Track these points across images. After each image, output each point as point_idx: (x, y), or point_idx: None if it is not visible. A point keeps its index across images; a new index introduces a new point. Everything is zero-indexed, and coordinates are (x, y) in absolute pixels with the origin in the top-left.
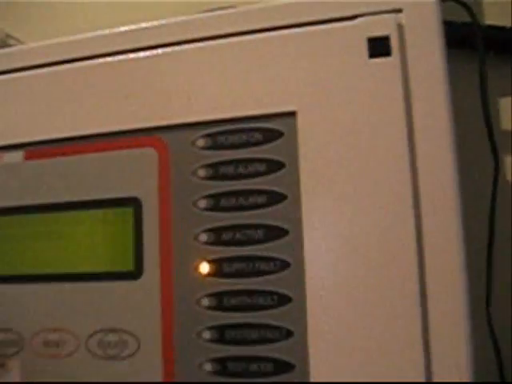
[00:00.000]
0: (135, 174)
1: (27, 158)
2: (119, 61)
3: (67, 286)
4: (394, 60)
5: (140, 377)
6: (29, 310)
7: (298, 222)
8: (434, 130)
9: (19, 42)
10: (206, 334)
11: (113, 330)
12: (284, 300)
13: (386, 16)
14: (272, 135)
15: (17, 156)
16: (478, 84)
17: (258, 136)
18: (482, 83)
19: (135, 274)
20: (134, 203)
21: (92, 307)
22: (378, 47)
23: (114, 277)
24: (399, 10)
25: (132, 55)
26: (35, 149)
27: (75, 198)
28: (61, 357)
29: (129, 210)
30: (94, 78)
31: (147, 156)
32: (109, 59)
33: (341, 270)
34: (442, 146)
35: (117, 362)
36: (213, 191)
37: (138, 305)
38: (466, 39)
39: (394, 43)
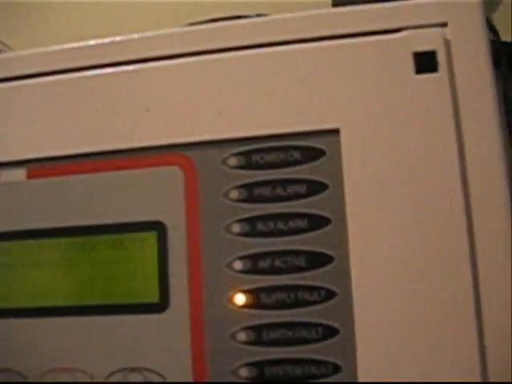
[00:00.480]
0: (158, 196)
1: (30, 176)
2: (138, 69)
3: (80, 321)
4: (441, 76)
5: None
6: (34, 348)
7: (343, 248)
8: (484, 146)
9: (8, 47)
10: (244, 372)
11: (135, 370)
12: (330, 332)
13: (431, 30)
14: (313, 154)
15: (18, 174)
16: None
17: (296, 155)
18: (507, 101)
19: (160, 306)
20: (158, 227)
21: (110, 344)
22: (425, 62)
23: (136, 310)
24: (444, 24)
25: (154, 64)
26: (40, 166)
27: (87, 222)
28: None
29: (152, 235)
30: (109, 88)
31: (171, 175)
32: (126, 67)
33: (392, 298)
34: (493, 163)
35: None
36: (247, 215)
37: (164, 341)
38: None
39: (441, 58)
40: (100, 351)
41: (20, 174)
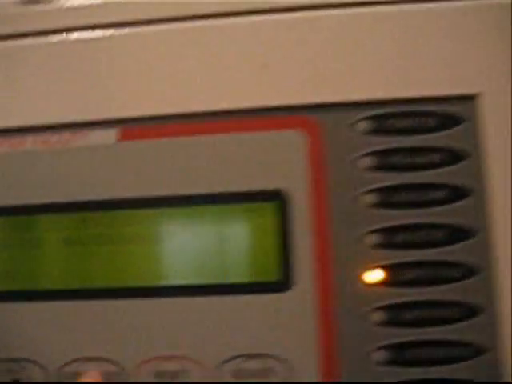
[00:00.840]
0: (278, 162)
1: (122, 138)
2: (256, 21)
3: (188, 302)
4: None
5: None
6: (132, 334)
7: (485, 221)
8: None
9: None
10: (379, 355)
11: (254, 356)
12: (472, 312)
13: None
14: (450, 121)
15: (108, 136)
16: None
17: (432, 121)
18: None
19: (283, 284)
20: (279, 197)
21: (224, 328)
22: None
23: (254, 289)
24: None
25: (273, 16)
26: (134, 127)
27: (192, 191)
28: None
29: (272, 206)
30: (219, 40)
31: (294, 140)
32: (242, 19)
33: None
34: None
35: None
36: (380, 184)
37: (287, 323)
38: None
39: None
40: (212, 336)
41: (110, 135)
